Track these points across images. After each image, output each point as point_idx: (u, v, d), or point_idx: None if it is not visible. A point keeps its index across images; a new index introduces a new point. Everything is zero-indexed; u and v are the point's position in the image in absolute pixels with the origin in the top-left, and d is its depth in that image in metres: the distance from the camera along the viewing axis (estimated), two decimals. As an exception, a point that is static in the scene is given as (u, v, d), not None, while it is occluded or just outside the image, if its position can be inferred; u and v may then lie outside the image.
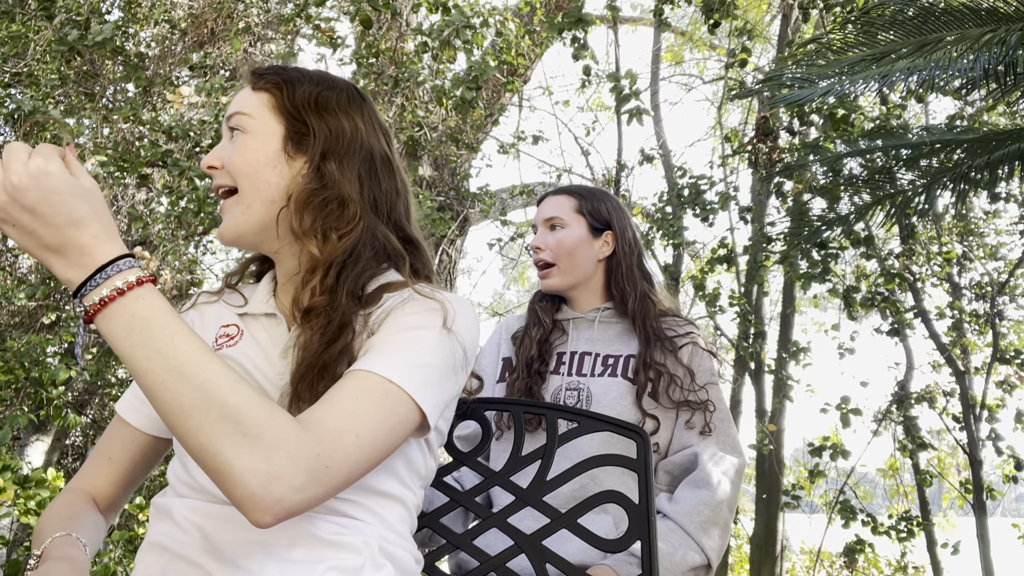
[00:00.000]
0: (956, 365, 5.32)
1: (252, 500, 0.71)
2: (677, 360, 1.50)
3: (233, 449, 0.70)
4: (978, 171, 3.22)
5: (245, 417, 0.71)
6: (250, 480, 0.70)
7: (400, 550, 0.93)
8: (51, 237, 0.72)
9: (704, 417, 1.46)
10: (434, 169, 5.34)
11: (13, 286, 4.55)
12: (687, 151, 16.88)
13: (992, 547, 4.93)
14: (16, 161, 0.72)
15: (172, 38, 5.19)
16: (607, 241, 1.63)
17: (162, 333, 0.73)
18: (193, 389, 0.71)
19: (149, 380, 0.72)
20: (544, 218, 1.63)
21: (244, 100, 0.97)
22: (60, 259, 0.73)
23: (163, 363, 0.72)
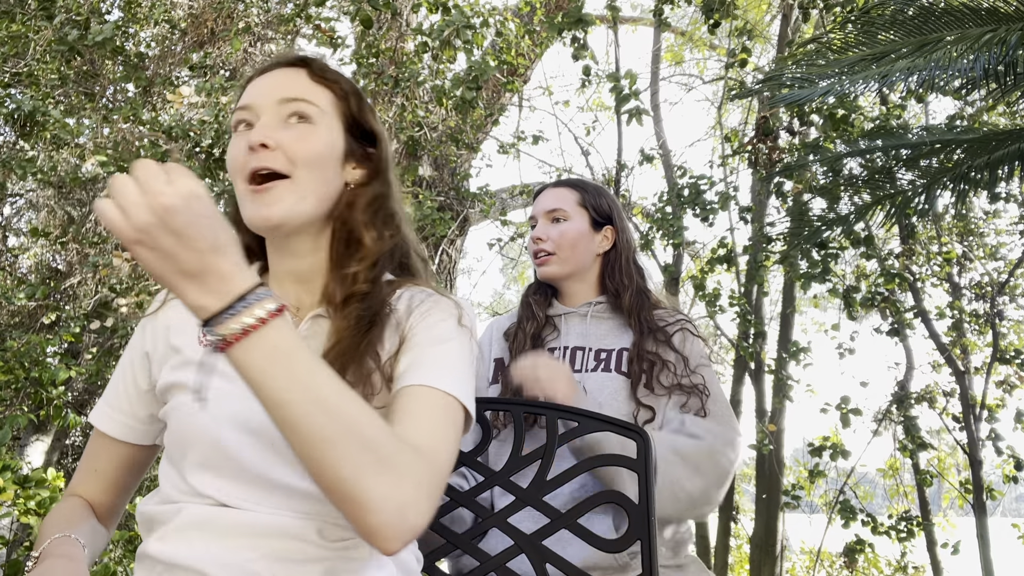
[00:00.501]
0: (956, 365, 5.32)
1: (387, 528, 0.72)
2: (669, 347, 1.49)
3: (373, 479, 0.71)
4: (978, 171, 3.22)
5: (380, 446, 0.72)
6: (386, 508, 0.71)
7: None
8: (192, 262, 0.68)
9: (700, 400, 1.44)
10: (434, 169, 5.34)
11: (13, 286, 4.55)
12: (687, 151, 16.89)
13: (992, 547, 4.93)
14: (159, 182, 0.67)
15: (172, 38, 5.19)
16: (607, 236, 1.64)
17: (302, 364, 0.71)
18: (335, 420, 0.70)
19: (288, 411, 0.70)
20: (546, 210, 1.62)
21: (306, 88, 0.94)
22: (196, 285, 0.69)
23: (305, 395, 0.70)
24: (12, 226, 6.14)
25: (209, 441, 0.88)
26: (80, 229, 5.12)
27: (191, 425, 0.89)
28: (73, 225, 5.36)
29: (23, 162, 3.98)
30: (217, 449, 0.87)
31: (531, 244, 1.65)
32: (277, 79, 0.96)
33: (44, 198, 5.74)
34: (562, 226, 1.60)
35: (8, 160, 4.10)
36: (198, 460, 0.88)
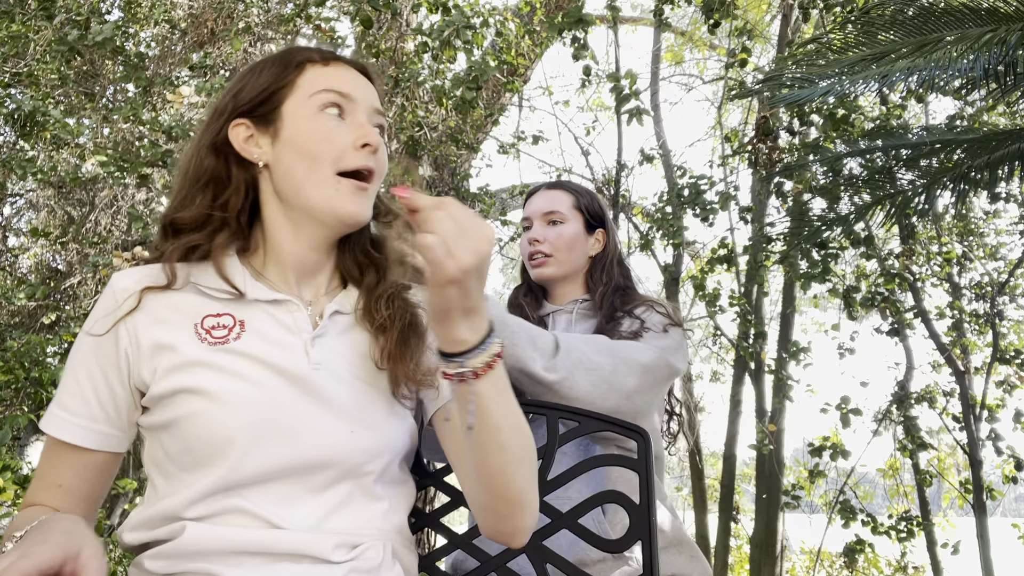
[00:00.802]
0: (956, 365, 5.32)
1: (529, 528, 0.87)
2: (632, 317, 1.51)
3: (534, 488, 0.87)
4: (978, 171, 3.22)
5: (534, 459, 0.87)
6: (536, 510, 0.87)
7: (404, 549, 0.95)
8: (476, 301, 0.74)
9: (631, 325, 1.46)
10: (434, 169, 5.33)
11: (13, 286, 4.55)
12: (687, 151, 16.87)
13: (992, 547, 4.93)
14: (477, 225, 0.72)
15: (172, 38, 5.19)
16: (599, 239, 1.66)
17: (510, 393, 0.81)
18: (527, 440, 0.83)
19: (503, 435, 0.80)
20: (542, 212, 1.64)
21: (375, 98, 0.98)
22: (467, 322, 0.75)
23: (514, 420, 0.81)
24: (12, 226, 6.14)
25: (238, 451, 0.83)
26: (80, 229, 5.12)
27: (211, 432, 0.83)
28: (73, 225, 5.36)
29: (23, 162, 3.97)
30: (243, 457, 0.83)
31: (525, 246, 1.65)
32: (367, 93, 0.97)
33: (44, 198, 5.74)
34: (559, 228, 1.61)
35: (8, 160, 4.10)
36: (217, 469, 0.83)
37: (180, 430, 0.85)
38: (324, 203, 0.91)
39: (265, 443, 0.84)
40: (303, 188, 0.91)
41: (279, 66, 0.95)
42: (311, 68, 0.94)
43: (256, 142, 0.94)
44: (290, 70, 0.94)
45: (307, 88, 0.93)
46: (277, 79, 0.94)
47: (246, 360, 0.88)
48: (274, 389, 0.87)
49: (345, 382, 0.92)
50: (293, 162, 0.91)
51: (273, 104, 0.93)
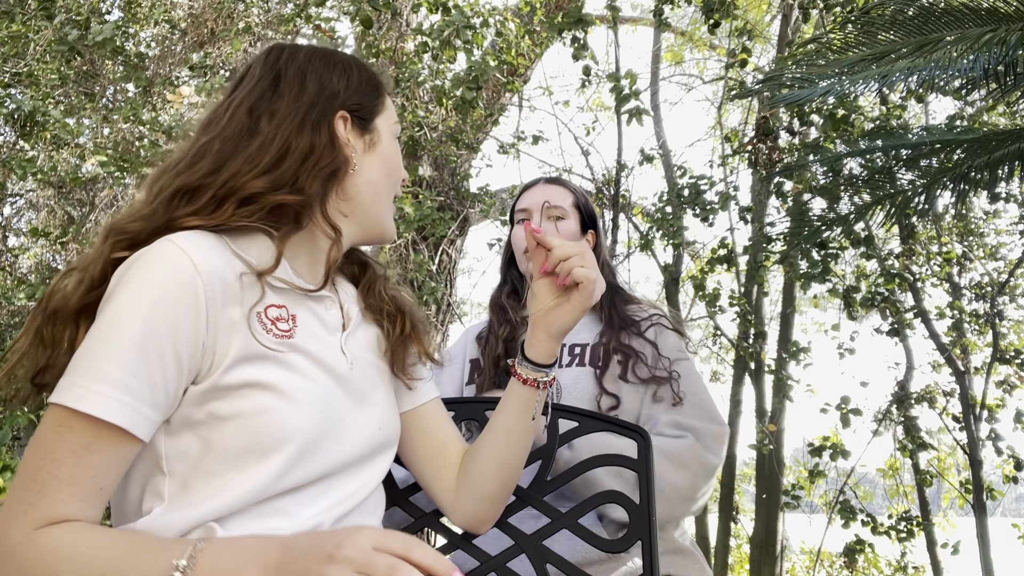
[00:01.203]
0: (956, 365, 5.32)
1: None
2: (643, 339, 1.49)
3: None
4: (978, 171, 3.22)
5: None
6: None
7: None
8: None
9: (671, 388, 1.44)
10: (434, 169, 5.33)
11: (13, 286, 4.55)
12: (687, 151, 16.86)
13: (992, 547, 4.93)
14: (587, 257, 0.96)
15: (172, 38, 5.19)
16: (589, 239, 1.64)
17: None
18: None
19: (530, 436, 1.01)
20: (545, 206, 1.60)
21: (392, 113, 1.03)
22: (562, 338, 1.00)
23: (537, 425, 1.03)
24: (12, 226, 6.14)
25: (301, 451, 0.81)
26: (80, 229, 5.12)
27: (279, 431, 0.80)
28: (73, 225, 5.36)
29: (23, 162, 3.97)
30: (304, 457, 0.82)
31: (522, 238, 1.60)
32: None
33: (44, 198, 5.74)
34: (561, 225, 1.58)
35: (8, 160, 4.10)
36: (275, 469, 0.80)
37: (245, 426, 0.79)
38: (385, 221, 0.99)
39: (324, 443, 0.85)
40: (378, 202, 0.96)
41: (375, 77, 1.00)
42: (385, 93, 1.01)
43: (350, 142, 0.94)
44: (381, 87, 1.00)
45: (391, 112, 1.00)
46: (376, 91, 0.98)
47: (305, 358, 0.86)
48: (330, 388, 0.88)
49: (372, 379, 0.96)
50: (380, 175, 0.96)
51: (372, 114, 0.97)
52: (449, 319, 5.26)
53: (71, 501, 0.72)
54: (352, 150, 0.94)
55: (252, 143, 0.87)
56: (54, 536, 0.70)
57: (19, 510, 0.70)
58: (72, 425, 0.72)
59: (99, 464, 0.73)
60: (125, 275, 0.78)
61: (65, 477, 0.71)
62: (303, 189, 0.87)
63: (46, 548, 0.69)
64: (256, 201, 0.85)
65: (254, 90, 0.92)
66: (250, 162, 0.86)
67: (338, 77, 0.94)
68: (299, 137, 0.88)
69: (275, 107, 0.90)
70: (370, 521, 0.94)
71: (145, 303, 0.75)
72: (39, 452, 0.72)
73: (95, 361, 0.74)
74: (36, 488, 0.71)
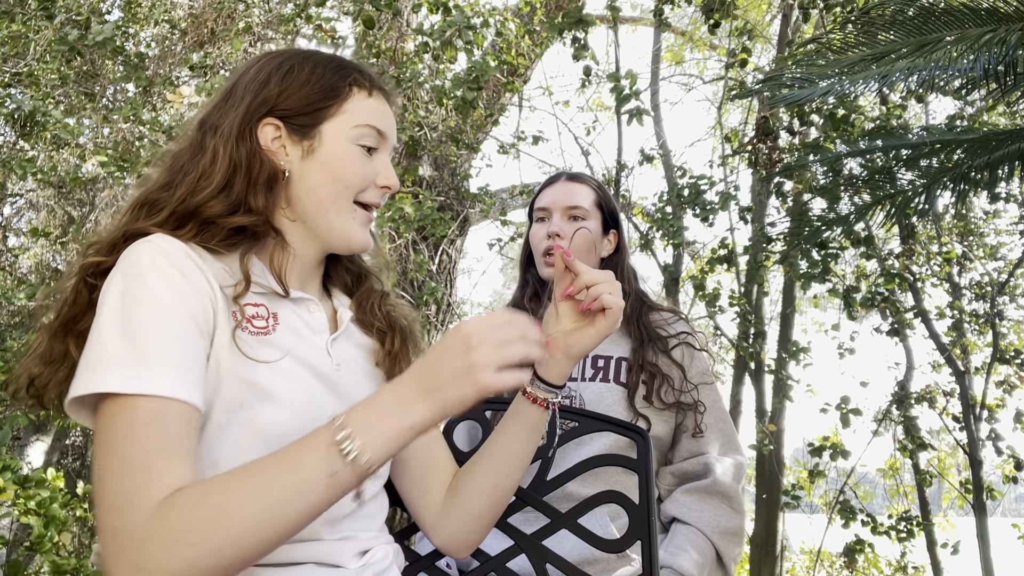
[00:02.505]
0: (956, 365, 5.32)
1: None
2: (670, 359, 1.47)
3: None
4: (978, 171, 3.22)
5: None
6: None
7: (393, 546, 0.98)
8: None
9: (695, 419, 1.44)
10: (434, 169, 5.33)
11: (13, 286, 4.55)
12: (687, 151, 16.87)
13: (992, 547, 4.93)
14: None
15: (172, 38, 5.19)
16: (611, 240, 1.60)
17: None
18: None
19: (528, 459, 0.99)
20: (566, 205, 1.54)
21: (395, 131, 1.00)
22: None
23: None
24: (12, 226, 6.14)
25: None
26: (80, 229, 5.12)
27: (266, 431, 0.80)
28: (73, 225, 5.36)
29: (23, 162, 3.97)
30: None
31: (540, 239, 1.55)
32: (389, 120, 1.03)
33: (44, 198, 5.73)
34: (583, 225, 1.53)
35: (8, 160, 4.10)
36: None
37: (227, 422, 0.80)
38: (341, 229, 0.93)
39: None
40: (325, 210, 0.92)
41: (328, 81, 0.93)
42: (358, 94, 0.94)
43: (284, 148, 0.92)
44: (340, 90, 0.93)
45: (352, 117, 0.93)
46: (325, 96, 0.92)
47: (288, 357, 0.87)
48: (313, 388, 0.88)
49: (361, 383, 0.95)
50: (322, 182, 0.91)
51: (315, 120, 0.92)
52: (449, 319, 5.26)
53: (172, 467, 0.70)
54: (283, 158, 0.91)
55: (203, 158, 0.89)
56: (181, 497, 0.68)
57: (127, 499, 0.68)
58: (135, 406, 0.71)
59: (176, 432, 0.73)
60: (118, 270, 0.78)
61: (154, 450, 0.70)
62: (252, 207, 0.88)
63: (183, 506, 0.67)
64: (216, 223, 0.86)
65: (212, 103, 0.94)
66: (204, 178, 0.87)
67: (278, 82, 0.92)
68: (238, 150, 0.88)
69: (220, 121, 0.91)
70: (372, 525, 0.94)
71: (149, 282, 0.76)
72: (115, 446, 0.70)
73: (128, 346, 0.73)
74: (132, 473, 0.69)
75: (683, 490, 1.42)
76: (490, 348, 0.73)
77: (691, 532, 1.35)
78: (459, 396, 0.72)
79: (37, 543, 2.20)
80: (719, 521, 1.37)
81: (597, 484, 1.35)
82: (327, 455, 0.70)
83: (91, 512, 3.44)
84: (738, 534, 1.38)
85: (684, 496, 1.41)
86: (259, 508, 0.67)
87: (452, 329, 0.75)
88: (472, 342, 0.73)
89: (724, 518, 1.37)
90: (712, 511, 1.38)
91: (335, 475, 0.70)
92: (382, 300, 1.05)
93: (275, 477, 0.69)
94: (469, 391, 0.72)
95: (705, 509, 1.38)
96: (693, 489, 1.41)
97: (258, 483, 0.69)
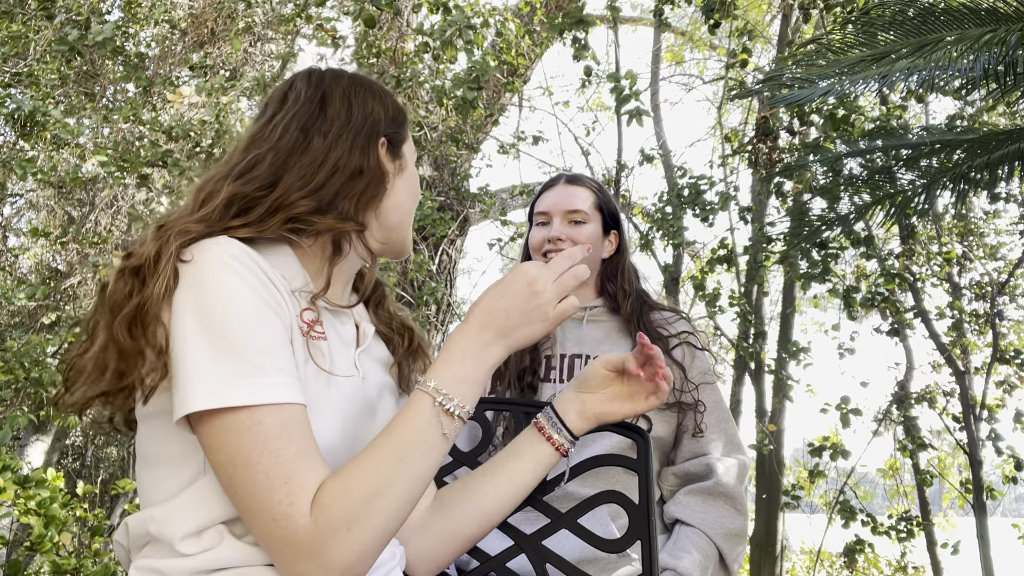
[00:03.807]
0: (956, 365, 5.32)
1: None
2: (671, 359, 1.48)
3: None
4: (978, 171, 3.22)
5: None
6: None
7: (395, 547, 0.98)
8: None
9: (694, 419, 1.44)
10: (434, 169, 5.33)
11: (13, 286, 4.55)
12: (687, 151, 16.87)
13: (992, 547, 4.93)
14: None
15: (172, 38, 5.20)
16: (612, 240, 1.59)
17: None
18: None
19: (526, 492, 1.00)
20: (566, 209, 1.54)
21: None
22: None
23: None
24: (12, 226, 6.14)
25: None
26: (80, 229, 5.12)
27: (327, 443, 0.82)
28: (73, 225, 5.36)
29: (23, 162, 3.97)
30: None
31: (540, 243, 1.54)
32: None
33: (44, 198, 5.74)
34: (581, 228, 1.53)
35: (8, 160, 4.11)
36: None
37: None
38: (407, 240, 1.02)
39: (341, 455, 0.84)
40: (405, 223, 1.00)
41: (400, 107, 1.02)
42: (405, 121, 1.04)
43: (388, 165, 0.98)
44: (406, 116, 1.02)
45: (411, 140, 1.04)
46: (404, 120, 1.01)
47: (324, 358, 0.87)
48: (348, 398, 0.90)
49: (382, 395, 0.98)
50: (407, 198, 1.00)
51: (402, 139, 1.00)
52: (449, 319, 5.26)
53: (313, 469, 0.74)
54: (388, 174, 0.97)
55: (304, 159, 0.90)
56: (329, 493, 0.73)
57: (283, 510, 0.71)
58: (260, 420, 0.72)
59: (304, 435, 0.75)
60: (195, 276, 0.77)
61: (293, 458, 0.73)
62: (344, 211, 0.90)
63: (335, 501, 0.72)
64: (303, 221, 0.87)
65: (303, 109, 0.94)
66: (302, 178, 0.89)
67: (378, 104, 0.98)
68: (349, 158, 0.92)
69: (326, 127, 0.93)
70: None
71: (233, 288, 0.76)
72: (254, 460, 0.71)
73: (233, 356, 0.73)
74: (280, 484, 0.71)
75: (686, 491, 1.42)
76: (553, 287, 0.83)
77: (694, 534, 1.35)
78: (530, 334, 0.83)
79: (37, 543, 2.20)
80: (722, 522, 1.37)
81: (598, 484, 1.35)
82: (437, 418, 0.79)
83: (91, 512, 3.44)
84: (741, 535, 1.38)
85: (687, 497, 1.41)
86: (402, 481, 0.75)
87: (513, 273, 0.85)
88: (536, 286, 0.83)
89: (727, 519, 1.37)
90: (715, 512, 1.38)
91: (448, 432, 0.79)
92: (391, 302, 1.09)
93: (405, 450, 0.76)
94: (538, 328, 0.83)
95: (708, 511, 1.38)
96: (696, 490, 1.41)
97: (393, 460, 0.76)
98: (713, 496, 1.39)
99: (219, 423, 0.72)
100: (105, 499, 5.66)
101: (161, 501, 0.79)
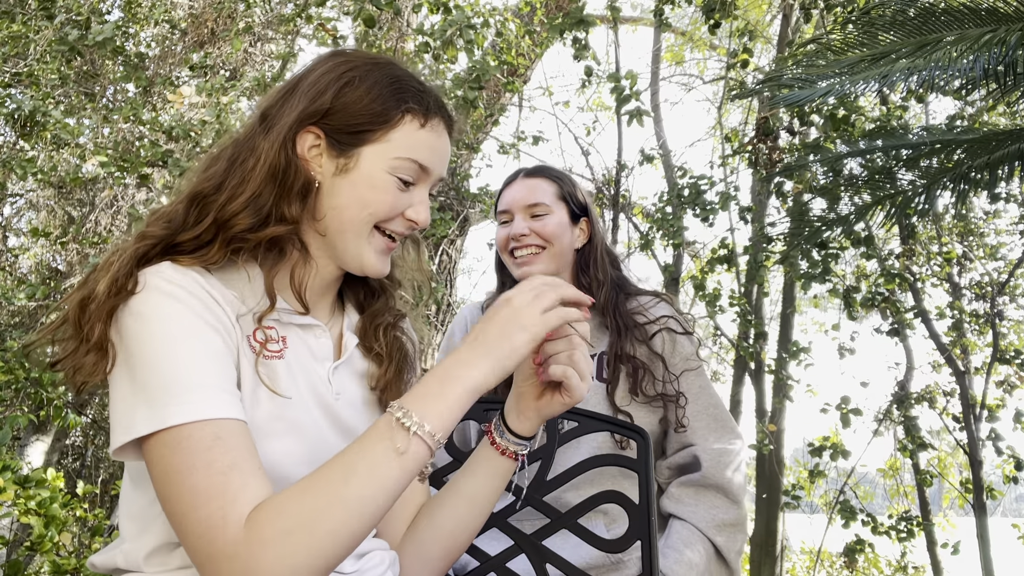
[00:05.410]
0: (956, 365, 5.32)
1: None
2: (650, 350, 1.43)
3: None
4: (978, 171, 3.22)
5: None
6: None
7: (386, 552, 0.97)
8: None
9: (675, 414, 1.41)
10: (434, 169, 5.32)
11: (13, 286, 4.55)
12: (687, 151, 16.86)
13: (992, 547, 4.93)
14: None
15: (172, 38, 5.20)
16: (583, 229, 1.55)
17: None
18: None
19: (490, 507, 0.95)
20: (525, 204, 1.50)
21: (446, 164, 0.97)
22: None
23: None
24: (12, 226, 6.14)
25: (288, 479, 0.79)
26: (80, 229, 5.12)
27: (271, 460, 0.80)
28: (73, 225, 5.36)
29: (23, 162, 3.97)
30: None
31: (505, 242, 1.51)
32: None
33: (44, 198, 5.74)
34: (545, 221, 1.49)
35: (8, 160, 4.10)
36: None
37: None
38: (355, 252, 0.90)
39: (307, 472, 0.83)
40: (345, 231, 0.89)
41: (381, 104, 0.89)
42: (409, 123, 0.90)
43: (319, 159, 0.89)
44: (390, 117, 0.89)
45: (394, 147, 0.89)
46: (372, 120, 0.88)
47: (294, 384, 0.86)
48: (318, 417, 0.88)
49: (359, 411, 0.94)
50: (349, 203, 0.88)
51: (357, 141, 0.88)
52: (449, 319, 5.26)
53: (247, 482, 0.71)
54: (316, 168, 0.88)
55: (251, 157, 0.87)
56: (267, 508, 0.69)
57: (211, 524, 0.68)
58: (190, 434, 0.71)
59: (239, 448, 0.73)
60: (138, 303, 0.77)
61: (224, 470, 0.71)
62: (286, 216, 0.86)
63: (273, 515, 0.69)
64: (245, 239, 0.85)
65: (277, 94, 0.91)
66: (244, 182, 0.85)
67: (333, 94, 0.88)
68: (279, 157, 0.86)
69: (276, 120, 0.89)
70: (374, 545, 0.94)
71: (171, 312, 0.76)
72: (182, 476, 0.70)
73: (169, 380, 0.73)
74: (209, 499, 0.69)
75: (677, 484, 1.40)
76: (528, 295, 0.80)
77: (686, 530, 1.32)
78: (511, 345, 0.78)
79: (37, 543, 2.20)
80: (714, 514, 1.34)
81: (593, 490, 1.35)
82: (390, 433, 0.73)
83: (91, 512, 3.44)
84: (736, 524, 1.34)
85: (678, 490, 1.39)
86: (346, 498, 0.70)
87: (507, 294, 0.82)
88: (513, 301, 0.80)
89: (720, 511, 1.35)
90: (707, 505, 1.35)
91: (405, 451, 0.73)
92: (393, 322, 1.02)
93: (352, 468, 0.72)
94: (520, 338, 0.78)
95: (700, 503, 1.36)
96: (687, 482, 1.39)
97: (338, 477, 0.71)
98: (704, 487, 1.36)
99: (150, 444, 0.72)
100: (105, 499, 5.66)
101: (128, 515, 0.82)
